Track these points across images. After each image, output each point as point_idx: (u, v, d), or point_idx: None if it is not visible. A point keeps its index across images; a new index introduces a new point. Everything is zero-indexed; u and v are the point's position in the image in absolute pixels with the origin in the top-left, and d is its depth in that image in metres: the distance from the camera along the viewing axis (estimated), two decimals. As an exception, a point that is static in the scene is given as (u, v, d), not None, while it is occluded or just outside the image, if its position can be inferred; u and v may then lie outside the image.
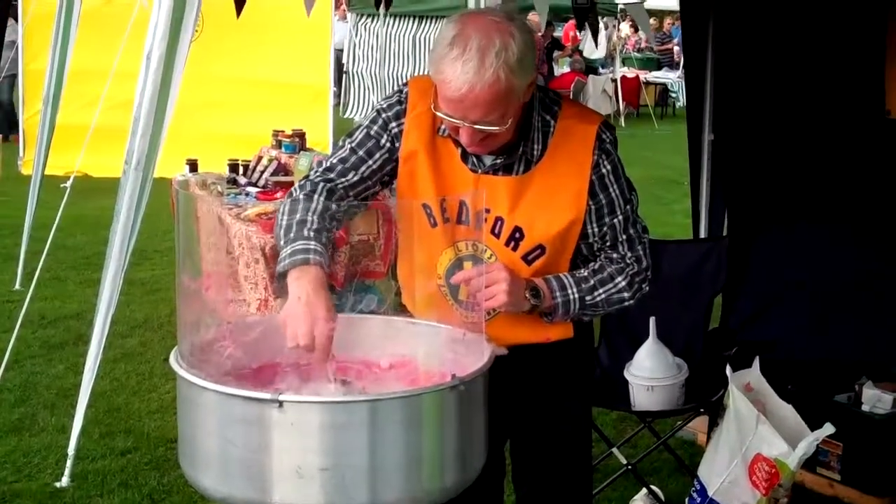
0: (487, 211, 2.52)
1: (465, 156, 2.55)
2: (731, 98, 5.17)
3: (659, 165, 12.95)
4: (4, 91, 14.16)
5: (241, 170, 6.33)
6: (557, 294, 2.54)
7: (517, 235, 2.53)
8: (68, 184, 6.01)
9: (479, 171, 2.54)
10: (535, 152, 2.51)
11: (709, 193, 5.30)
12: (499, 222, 2.54)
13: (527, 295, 2.49)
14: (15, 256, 7.39)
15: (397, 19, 17.23)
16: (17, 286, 7.13)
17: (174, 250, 7.03)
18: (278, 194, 5.74)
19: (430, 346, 2.34)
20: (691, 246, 4.80)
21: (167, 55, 4.15)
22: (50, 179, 7.40)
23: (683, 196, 8.35)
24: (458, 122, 2.34)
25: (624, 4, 8.50)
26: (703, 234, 5.30)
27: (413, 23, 17.28)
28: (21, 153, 11.90)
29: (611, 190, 2.54)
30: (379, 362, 2.38)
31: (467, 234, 2.56)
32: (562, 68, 19.72)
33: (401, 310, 2.68)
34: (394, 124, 2.59)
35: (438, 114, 2.40)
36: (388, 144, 2.59)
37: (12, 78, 13.18)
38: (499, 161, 2.52)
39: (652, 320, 4.08)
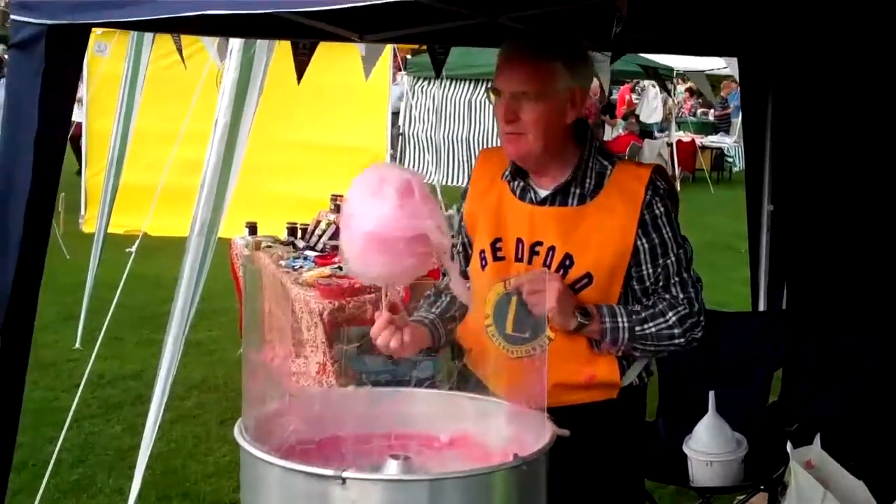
0: (540, 243, 2.62)
1: (522, 194, 2.68)
2: (791, 168, 5.14)
3: (715, 231, 12.86)
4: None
5: (299, 233, 6.40)
6: (607, 319, 2.57)
7: (567, 262, 2.59)
8: (133, 248, 6.09)
9: (535, 203, 2.66)
10: (589, 188, 2.62)
11: (768, 265, 5.25)
12: (550, 252, 2.61)
13: (575, 313, 2.53)
14: (76, 315, 7.49)
15: (453, 82, 17.42)
16: (77, 345, 7.22)
17: (231, 311, 7.09)
18: (336, 258, 5.78)
19: (491, 423, 2.34)
20: (751, 318, 4.77)
21: (232, 123, 4.24)
22: (109, 237, 7.53)
23: (740, 263, 8.26)
24: (499, 88, 2.55)
25: (684, 70, 8.50)
26: (762, 306, 5.25)
27: (469, 85, 17.45)
28: (83, 211, 12.12)
29: (664, 231, 2.61)
30: (439, 437, 2.38)
31: (519, 268, 2.64)
32: (617, 131, 19.76)
33: (458, 375, 2.72)
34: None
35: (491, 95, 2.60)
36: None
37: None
38: (553, 195, 2.64)
39: (711, 394, 4.04)
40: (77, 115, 13.16)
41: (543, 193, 2.66)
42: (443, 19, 3.65)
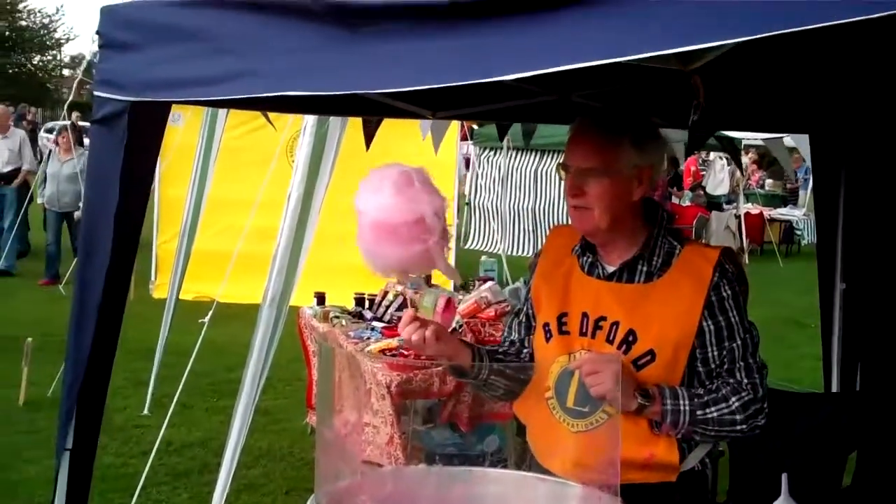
0: (604, 318, 2.63)
1: (590, 269, 2.70)
2: (864, 246, 5.08)
3: (784, 306, 12.67)
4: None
5: (366, 303, 6.43)
6: (668, 401, 2.55)
7: (630, 339, 2.59)
8: (207, 318, 6.13)
9: (602, 278, 2.67)
10: (656, 266, 2.63)
11: (841, 343, 5.17)
12: (614, 327, 2.62)
13: (636, 394, 2.51)
14: (145, 381, 7.56)
15: (519, 153, 17.50)
16: (145, 411, 7.29)
17: (297, 379, 7.10)
18: (403, 330, 5.79)
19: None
20: (825, 399, 4.68)
21: (305, 196, 4.30)
22: (179, 303, 7.62)
23: (810, 339, 8.15)
24: (567, 164, 2.61)
25: (763, 140, 8.46)
26: (835, 386, 5.16)
27: (535, 156, 17.51)
28: (153, 277, 12.30)
29: (730, 314, 2.60)
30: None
31: (583, 342, 2.65)
32: (684, 202, 19.66)
33: (522, 451, 2.73)
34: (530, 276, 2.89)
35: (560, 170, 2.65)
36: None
37: None
38: (620, 270, 2.65)
39: (784, 477, 3.94)
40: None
41: (610, 269, 2.68)
42: (516, 97, 3.68)
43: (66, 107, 6.34)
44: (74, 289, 3.20)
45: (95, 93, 3.01)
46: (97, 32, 3.00)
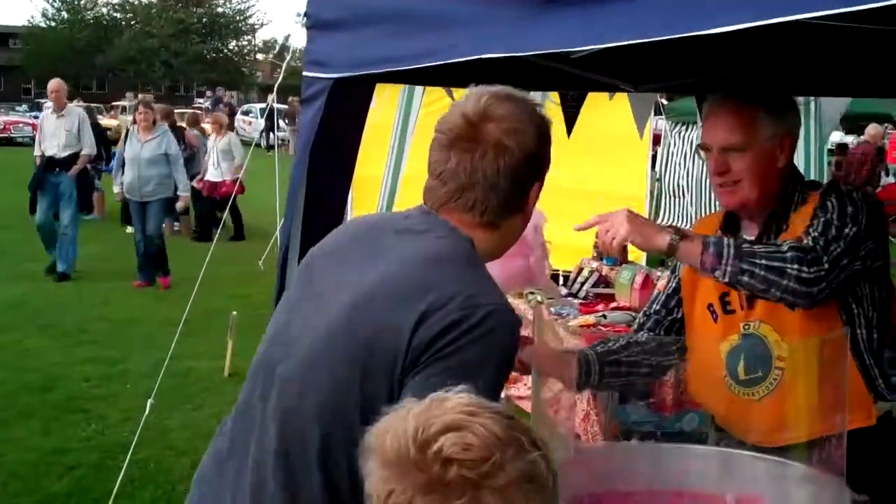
0: None
1: None
2: None
3: None
4: None
5: (560, 280, 6.42)
6: (710, 238, 2.44)
7: None
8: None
9: None
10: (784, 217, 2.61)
11: None
12: None
13: (664, 229, 2.44)
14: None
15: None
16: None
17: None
18: (599, 306, 5.76)
19: (779, 486, 2.26)
20: None
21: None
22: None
23: None
24: (707, 143, 2.61)
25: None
26: None
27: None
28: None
29: (829, 204, 2.49)
30: (725, 498, 2.31)
31: (748, 316, 2.59)
32: (890, 178, 18.86)
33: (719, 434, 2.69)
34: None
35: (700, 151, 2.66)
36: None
37: None
38: (759, 238, 2.59)
39: None
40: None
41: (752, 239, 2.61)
42: (716, 69, 3.58)
43: (274, 89, 6.54)
44: (276, 266, 3.30)
45: (304, 73, 3.09)
46: (305, 14, 3.08)
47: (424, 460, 1.27)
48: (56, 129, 11.17)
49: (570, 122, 5.04)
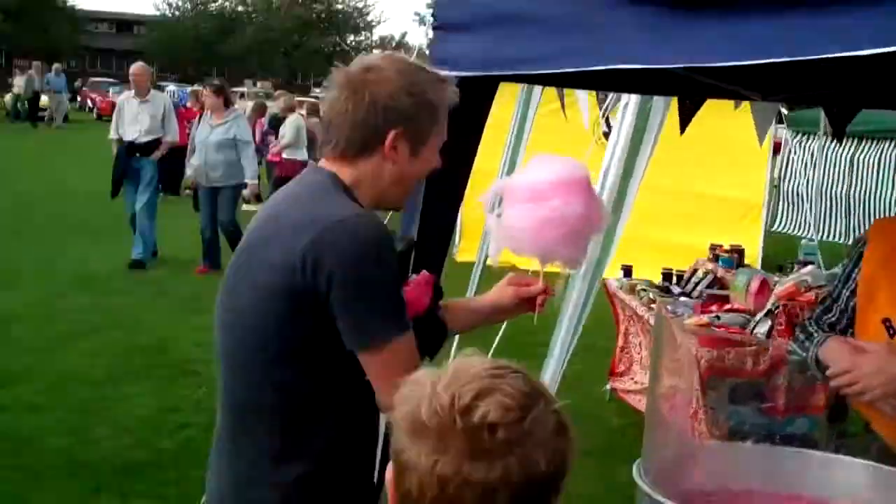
0: None
1: None
2: None
3: None
4: None
5: (674, 279, 6.40)
6: None
7: None
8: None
9: None
10: None
11: None
12: None
13: None
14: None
15: (835, 138, 16.69)
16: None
17: (596, 347, 7.10)
18: (713, 307, 5.73)
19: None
20: None
21: (624, 174, 4.32)
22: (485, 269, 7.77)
23: None
24: None
25: None
26: None
27: (852, 142, 16.65)
28: (457, 241, 12.66)
29: None
30: None
31: None
32: None
33: (836, 436, 2.66)
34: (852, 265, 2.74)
35: None
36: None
37: None
38: None
39: None
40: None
41: None
42: (848, 80, 3.53)
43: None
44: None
45: (432, 70, 3.15)
46: (432, 15, 3.14)
47: (468, 428, 1.31)
48: (138, 113, 10.97)
49: (684, 121, 5.00)
